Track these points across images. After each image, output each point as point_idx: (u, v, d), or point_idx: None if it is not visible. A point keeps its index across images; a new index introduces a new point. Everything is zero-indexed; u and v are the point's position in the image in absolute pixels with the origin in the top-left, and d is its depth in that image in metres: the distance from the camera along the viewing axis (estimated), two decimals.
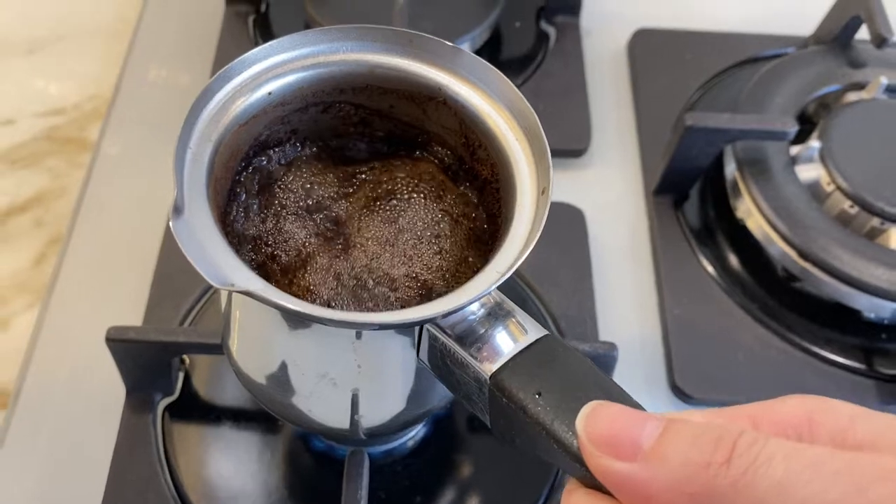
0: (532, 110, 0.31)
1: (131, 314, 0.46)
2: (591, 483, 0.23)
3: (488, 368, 0.26)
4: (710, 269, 0.49)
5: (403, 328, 0.28)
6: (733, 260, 0.50)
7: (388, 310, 0.31)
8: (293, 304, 0.25)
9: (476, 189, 0.34)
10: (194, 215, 0.27)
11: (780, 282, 0.49)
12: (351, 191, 0.35)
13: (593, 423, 0.23)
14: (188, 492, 0.40)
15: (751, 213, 0.48)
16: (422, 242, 0.34)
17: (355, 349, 0.30)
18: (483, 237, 0.34)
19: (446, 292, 0.28)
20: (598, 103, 0.56)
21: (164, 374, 0.42)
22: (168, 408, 0.43)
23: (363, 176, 0.36)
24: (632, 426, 0.22)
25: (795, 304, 0.48)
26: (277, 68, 0.31)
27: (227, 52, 0.56)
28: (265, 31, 0.58)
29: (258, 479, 0.41)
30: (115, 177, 0.52)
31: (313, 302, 0.31)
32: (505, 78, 0.31)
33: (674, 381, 0.45)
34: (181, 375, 0.43)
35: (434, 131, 0.34)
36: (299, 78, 0.32)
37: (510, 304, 0.28)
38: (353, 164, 0.36)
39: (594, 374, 0.26)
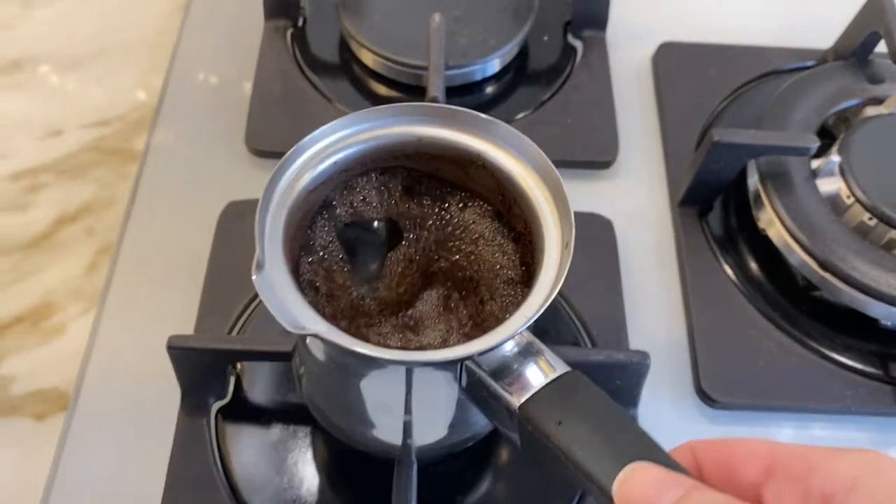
0: (556, 172, 0.35)
1: (183, 319, 0.48)
2: None
3: (517, 400, 0.30)
4: (733, 277, 0.51)
5: (445, 365, 0.32)
6: (755, 269, 0.52)
7: (434, 349, 0.35)
8: (352, 345, 0.30)
9: (513, 239, 0.39)
10: (273, 270, 0.32)
11: (801, 290, 0.51)
12: (410, 240, 0.39)
13: (626, 486, 0.26)
14: (242, 490, 0.42)
15: (773, 223, 0.50)
16: (468, 284, 0.38)
17: (406, 382, 0.34)
18: (517, 280, 0.38)
19: (483, 333, 0.32)
20: (624, 115, 0.58)
21: (218, 379, 0.44)
22: (220, 410, 0.45)
23: (416, 225, 0.40)
24: (654, 492, 0.25)
25: (815, 312, 0.50)
26: (340, 142, 0.36)
27: (268, 64, 0.58)
28: (302, 45, 0.60)
29: (308, 478, 0.43)
30: (163, 186, 0.54)
31: (370, 340, 0.36)
32: (533, 144, 0.36)
33: (699, 385, 0.47)
34: (233, 380, 0.46)
35: (476, 190, 0.39)
36: (360, 149, 0.37)
37: (540, 345, 0.32)
38: (411, 216, 0.40)
39: (610, 405, 0.29)
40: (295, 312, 0.30)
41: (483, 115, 0.36)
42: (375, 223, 0.39)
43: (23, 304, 0.50)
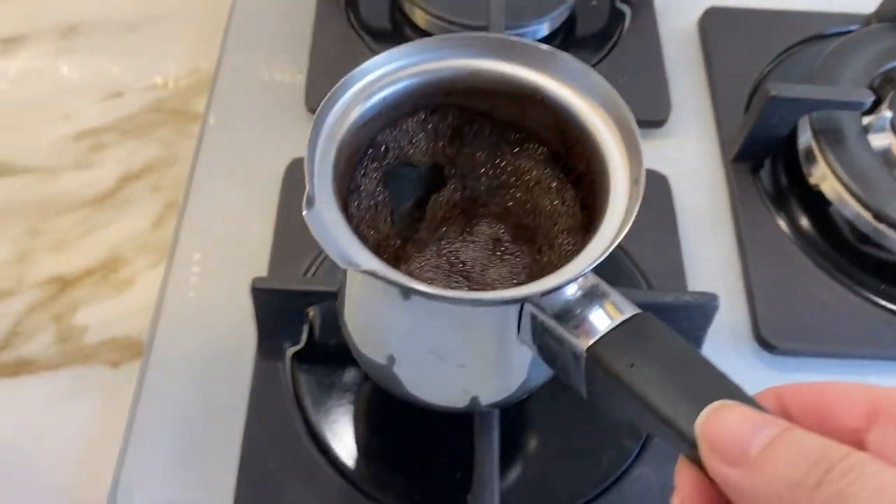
0: (625, 104, 0.32)
1: (252, 271, 0.49)
2: (696, 459, 0.24)
3: (584, 343, 0.28)
4: (786, 230, 0.52)
5: (506, 305, 0.31)
6: (807, 222, 0.53)
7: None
8: (409, 283, 0.28)
9: (572, 182, 0.36)
10: (323, 206, 0.30)
11: (852, 243, 0.52)
12: (459, 178, 0.38)
13: (711, 426, 0.23)
14: (321, 433, 0.43)
15: (826, 178, 0.51)
16: (522, 232, 0.37)
17: (460, 325, 0.33)
18: (577, 227, 0.36)
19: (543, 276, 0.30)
20: (674, 77, 0.59)
21: (294, 323, 0.45)
22: (295, 355, 0.46)
23: (467, 170, 0.38)
24: (743, 432, 0.23)
25: (868, 263, 0.51)
26: (390, 76, 0.34)
27: (324, 26, 0.59)
28: (356, 8, 0.61)
29: (386, 422, 0.44)
30: (226, 144, 0.55)
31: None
32: (598, 75, 0.33)
33: (759, 332, 0.48)
34: (306, 328, 0.47)
35: (533, 129, 0.37)
36: (409, 84, 0.35)
37: (606, 287, 0.30)
38: (460, 159, 0.38)
39: (685, 347, 0.27)
40: (347, 249, 0.29)
41: (543, 46, 0.34)
42: (424, 168, 0.38)
43: (92, 257, 0.51)
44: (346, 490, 0.42)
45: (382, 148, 0.36)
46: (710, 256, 0.52)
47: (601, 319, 0.28)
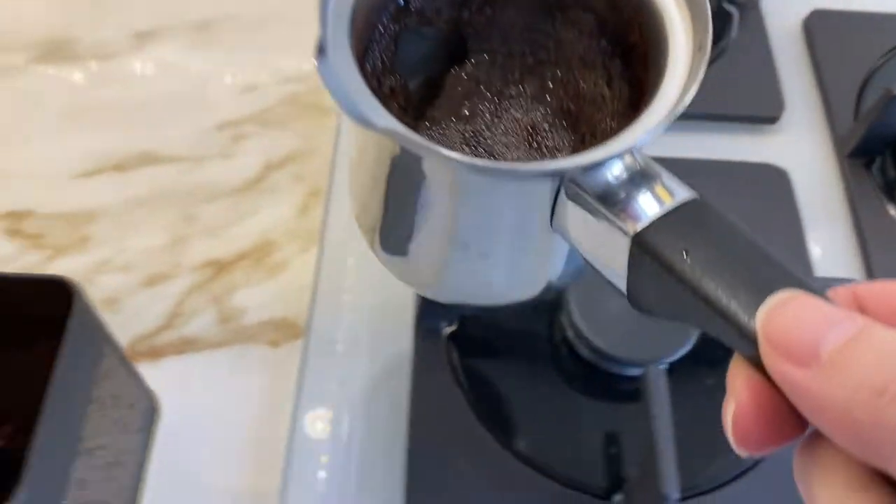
0: None
1: None
2: (755, 360, 0.21)
3: (631, 228, 0.25)
4: None
5: (543, 177, 0.27)
6: None
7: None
8: (434, 146, 0.25)
9: (621, 56, 0.32)
10: (339, 60, 0.26)
11: None
12: (487, 51, 0.34)
13: (775, 318, 0.20)
14: (480, 406, 0.46)
15: None
16: (561, 117, 0.33)
17: (486, 204, 0.29)
18: (625, 109, 0.32)
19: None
20: (782, 76, 0.62)
21: (452, 307, 0.48)
22: (450, 336, 0.49)
23: (498, 45, 0.34)
24: (815, 326, 0.19)
25: None
26: None
27: None
28: None
29: (543, 396, 0.47)
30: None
31: None
32: None
33: None
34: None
35: None
36: None
37: (656, 167, 0.26)
38: (490, 26, 0.34)
39: (749, 237, 0.24)
40: (362, 106, 0.25)
41: None
42: (446, 43, 0.34)
43: (244, 242, 0.54)
44: (513, 464, 0.45)
45: (404, 1, 0.32)
46: (830, 247, 0.54)
47: (650, 203, 0.25)
